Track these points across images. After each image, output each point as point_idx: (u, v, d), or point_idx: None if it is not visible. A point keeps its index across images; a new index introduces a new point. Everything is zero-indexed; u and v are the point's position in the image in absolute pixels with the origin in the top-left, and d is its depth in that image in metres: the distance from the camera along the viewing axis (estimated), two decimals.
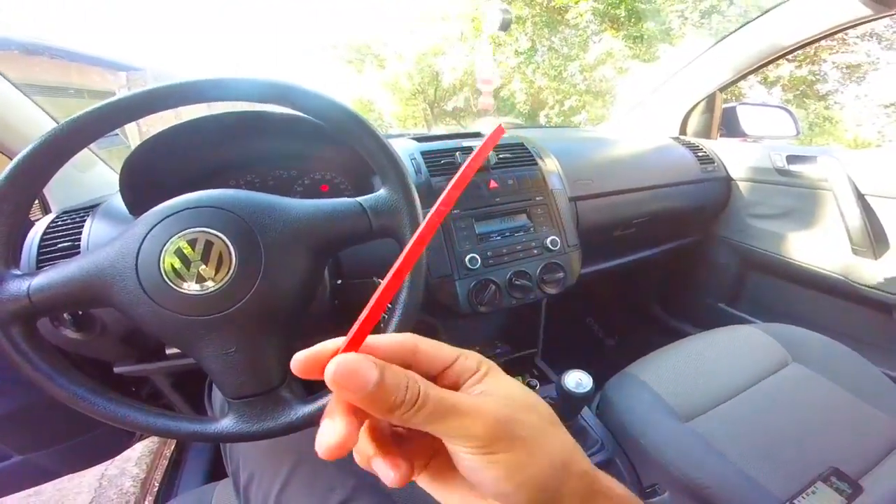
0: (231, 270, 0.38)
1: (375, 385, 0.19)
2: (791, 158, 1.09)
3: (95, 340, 0.61)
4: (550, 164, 0.90)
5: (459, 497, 0.23)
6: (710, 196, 1.20)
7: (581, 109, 8.12)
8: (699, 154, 1.19)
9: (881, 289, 0.93)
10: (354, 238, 0.44)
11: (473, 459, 0.20)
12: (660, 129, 1.36)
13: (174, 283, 0.37)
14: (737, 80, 1.27)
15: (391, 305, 0.45)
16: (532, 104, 8.64)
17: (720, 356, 0.80)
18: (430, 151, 0.80)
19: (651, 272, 1.47)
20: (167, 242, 0.37)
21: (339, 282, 0.64)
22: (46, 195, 0.77)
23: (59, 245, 0.59)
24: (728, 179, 1.22)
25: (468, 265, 0.73)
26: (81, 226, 0.62)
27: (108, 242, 0.40)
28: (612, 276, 1.11)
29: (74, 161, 0.42)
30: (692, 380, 0.75)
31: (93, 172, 0.84)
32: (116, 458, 1.24)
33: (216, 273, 0.37)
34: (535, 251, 0.79)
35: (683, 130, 1.37)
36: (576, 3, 7.50)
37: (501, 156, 0.83)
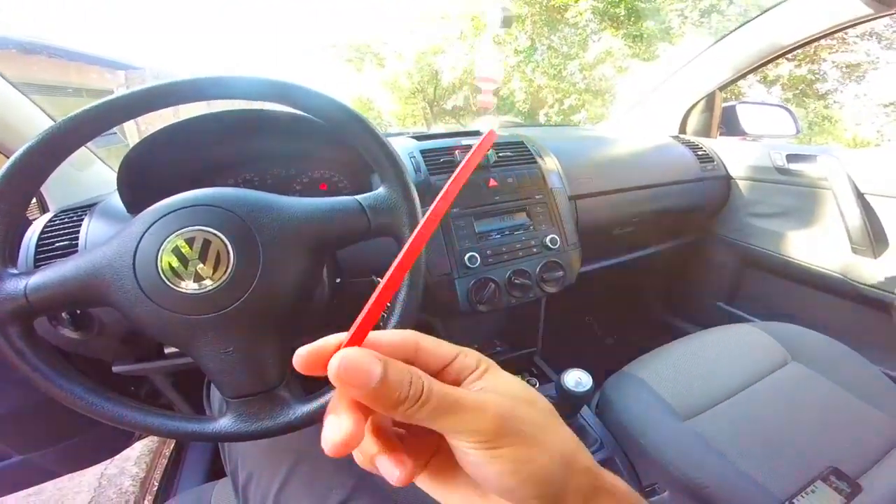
0: (229, 269, 0.37)
1: (379, 380, 0.18)
2: (791, 157, 1.08)
3: (94, 340, 0.61)
4: (550, 163, 0.89)
5: (460, 496, 0.23)
6: (710, 195, 1.20)
7: (581, 108, 8.12)
8: (699, 153, 1.18)
9: (880, 288, 0.93)
10: (353, 237, 0.44)
11: (477, 455, 0.20)
12: (659, 128, 1.36)
13: (172, 282, 0.37)
14: (736, 79, 1.26)
15: (390, 305, 0.45)
16: (532, 103, 8.64)
17: (719, 355, 0.80)
18: (430, 150, 0.80)
19: (650, 271, 1.47)
20: (165, 241, 0.37)
21: (338, 281, 0.64)
22: (44, 194, 0.77)
23: (57, 244, 0.59)
24: (728, 178, 1.21)
25: (467, 264, 0.73)
26: (79, 225, 0.61)
27: (106, 241, 0.39)
28: (612, 275, 1.11)
29: (72, 159, 0.42)
30: (691, 379, 0.75)
31: (91, 171, 0.84)
32: (116, 458, 1.24)
33: (214, 272, 0.37)
34: (535, 250, 0.79)
35: (683, 129, 1.37)
36: (575, 2, 7.50)
37: (501, 154, 0.83)
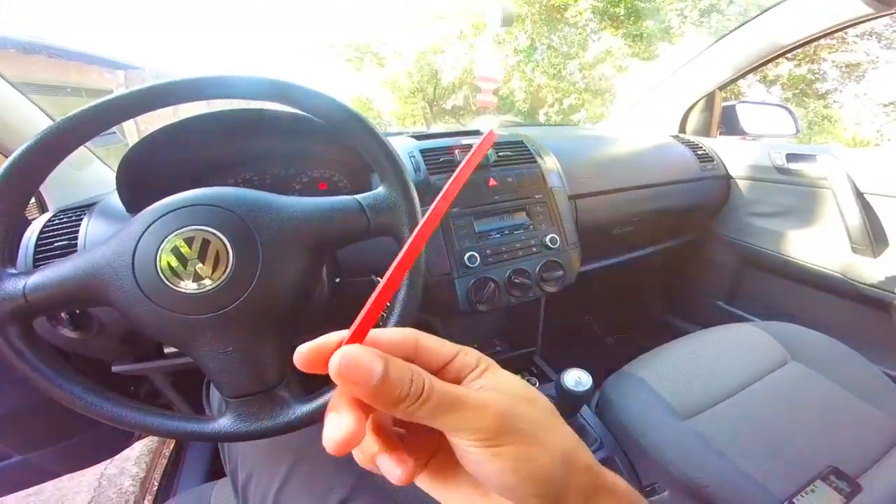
0: (228, 269, 0.37)
1: (380, 378, 0.18)
2: (790, 157, 1.08)
3: (93, 339, 0.60)
4: (550, 163, 0.89)
5: (461, 495, 0.23)
6: (710, 194, 1.20)
7: (580, 108, 8.12)
8: (698, 152, 1.18)
9: (880, 287, 0.93)
10: (352, 236, 0.44)
11: (478, 453, 0.20)
12: (659, 128, 1.36)
13: (171, 282, 0.37)
14: (736, 79, 1.26)
15: (390, 304, 0.45)
16: (531, 102, 8.64)
17: (719, 354, 0.80)
18: (429, 149, 0.80)
19: (650, 270, 1.47)
20: (164, 241, 0.37)
21: (338, 280, 0.64)
22: (43, 194, 0.77)
23: (56, 244, 0.59)
24: (727, 178, 1.21)
25: (467, 263, 0.73)
26: (78, 224, 0.61)
27: (105, 241, 0.39)
28: (612, 275, 1.10)
29: (71, 159, 0.42)
30: (691, 378, 0.75)
31: (90, 171, 0.83)
32: (116, 458, 1.24)
33: (213, 272, 0.37)
34: (535, 249, 0.79)
35: (683, 129, 1.37)
36: (575, 2, 7.50)
37: (501, 154, 0.83)
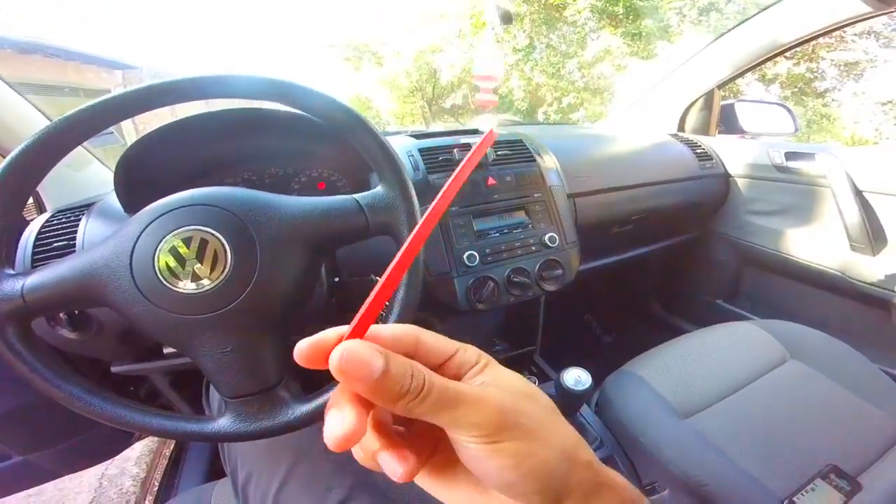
0: (227, 269, 0.37)
1: (381, 373, 0.18)
2: (789, 155, 1.09)
3: (92, 340, 0.60)
4: (549, 161, 0.89)
5: (461, 493, 0.23)
6: (709, 193, 1.20)
7: (579, 106, 8.11)
8: (697, 151, 1.18)
9: (879, 285, 0.93)
10: (351, 236, 0.44)
11: (479, 449, 0.19)
12: (658, 126, 1.36)
13: (169, 282, 0.36)
14: (735, 77, 1.27)
15: (389, 303, 0.44)
16: (530, 101, 8.63)
17: (718, 353, 0.80)
18: (428, 148, 0.80)
19: (649, 269, 1.47)
20: (162, 241, 0.37)
21: (337, 280, 0.64)
22: (41, 194, 0.77)
23: (55, 244, 0.59)
24: (726, 176, 1.21)
25: (466, 262, 0.73)
26: (76, 225, 0.61)
27: (103, 241, 0.39)
28: (611, 273, 1.11)
29: (69, 160, 0.41)
30: (690, 377, 0.75)
31: (88, 171, 0.83)
32: (116, 458, 1.24)
33: (212, 271, 0.37)
34: (534, 248, 0.78)
35: (682, 127, 1.37)
36: (574, 0, 7.49)
37: (500, 152, 0.83)
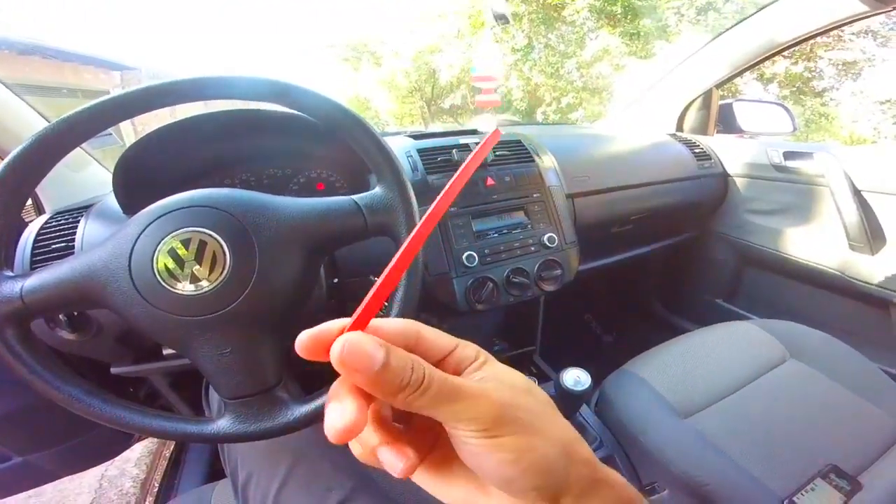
0: (225, 270, 0.37)
1: (381, 366, 0.18)
2: (788, 155, 1.09)
3: (91, 341, 0.60)
4: (547, 161, 0.89)
5: (459, 491, 0.22)
6: (707, 192, 1.20)
7: (578, 106, 8.12)
8: (696, 150, 1.18)
9: (878, 284, 0.93)
10: (349, 237, 0.44)
11: (477, 444, 0.19)
12: (656, 126, 1.36)
13: (168, 284, 0.36)
14: (733, 77, 1.27)
15: (387, 303, 0.44)
16: (529, 101, 8.64)
17: (718, 352, 0.80)
18: (427, 149, 0.80)
19: (649, 269, 1.47)
20: (160, 242, 0.37)
21: (336, 280, 0.64)
22: (40, 195, 0.76)
23: (54, 246, 0.59)
24: (725, 176, 1.21)
25: (465, 263, 0.73)
26: (75, 226, 0.61)
27: (102, 243, 0.39)
28: (610, 273, 1.11)
29: (67, 161, 0.41)
30: (690, 376, 0.75)
31: (86, 172, 0.83)
32: (116, 459, 1.24)
33: (210, 273, 0.37)
34: (533, 248, 0.78)
35: (680, 127, 1.37)
36: (572, 0, 7.49)
37: (499, 153, 0.83)
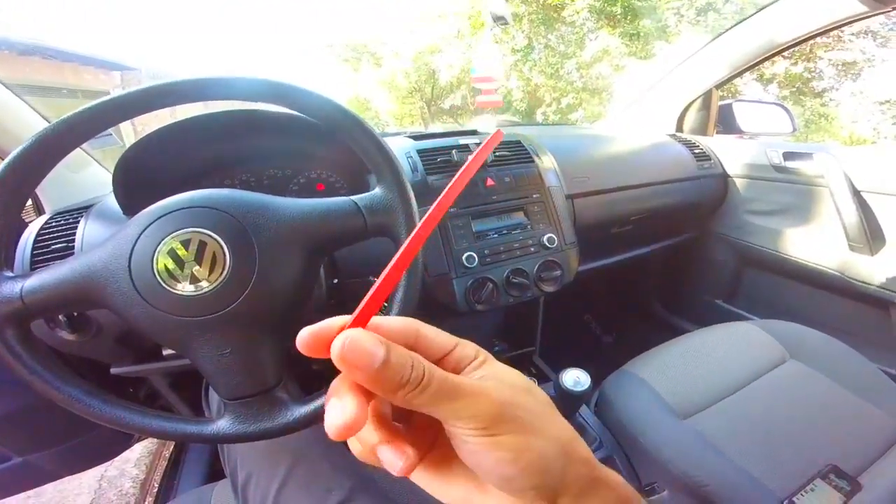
0: (225, 271, 0.37)
1: (382, 363, 0.18)
2: (787, 155, 1.09)
3: (91, 342, 0.60)
4: (547, 162, 0.89)
5: (457, 490, 0.22)
6: (707, 193, 1.20)
7: (578, 107, 8.12)
8: (695, 151, 1.19)
9: (878, 285, 0.93)
10: (349, 237, 0.44)
11: (476, 442, 0.20)
12: (656, 127, 1.36)
13: (168, 284, 0.36)
14: (733, 77, 1.27)
15: (387, 304, 0.45)
16: (529, 102, 8.64)
17: (718, 353, 0.80)
18: (427, 150, 0.80)
19: (648, 269, 1.47)
20: (160, 243, 0.37)
21: (335, 281, 0.64)
22: (40, 196, 0.76)
23: (53, 246, 0.59)
24: (724, 176, 1.22)
25: (465, 263, 0.73)
26: (75, 227, 0.61)
27: (102, 244, 0.39)
28: (610, 274, 1.10)
29: (67, 161, 0.42)
30: (690, 377, 0.75)
31: (86, 173, 0.83)
32: (116, 460, 1.24)
33: (210, 273, 0.37)
34: (533, 249, 0.78)
35: (680, 127, 1.37)
36: (572, 1, 7.50)
37: (498, 153, 0.83)
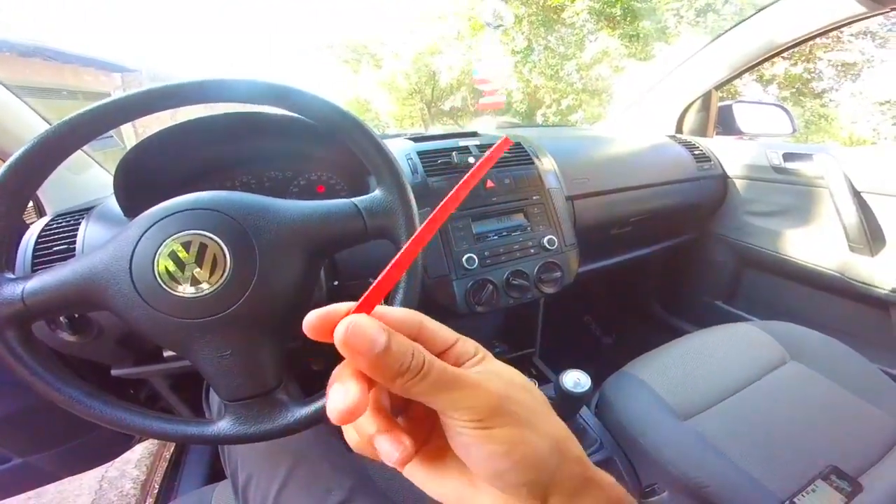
0: (226, 273, 0.37)
1: (383, 349, 0.19)
2: (787, 156, 1.09)
3: (92, 343, 0.61)
4: (547, 163, 0.89)
5: (451, 485, 0.23)
6: (707, 194, 1.20)
7: (578, 108, 8.13)
8: (695, 152, 1.19)
9: (878, 286, 0.93)
10: (349, 239, 0.44)
11: (471, 434, 0.20)
12: (656, 128, 1.36)
13: (168, 286, 0.37)
14: (732, 78, 1.27)
15: (388, 304, 0.45)
16: (529, 103, 8.65)
17: (718, 354, 0.80)
18: (427, 151, 0.80)
19: (648, 270, 1.47)
20: (161, 245, 0.37)
21: (336, 283, 0.64)
22: (41, 197, 0.77)
23: (55, 248, 0.59)
24: (724, 177, 1.22)
25: (465, 265, 0.73)
26: (76, 228, 0.61)
27: (103, 245, 0.39)
28: (610, 275, 1.10)
29: (69, 163, 0.42)
30: (690, 378, 0.75)
31: (87, 175, 0.84)
32: (116, 461, 1.24)
33: (211, 276, 0.37)
34: (533, 251, 0.79)
35: (679, 129, 1.37)
36: (572, 2, 7.51)
37: None
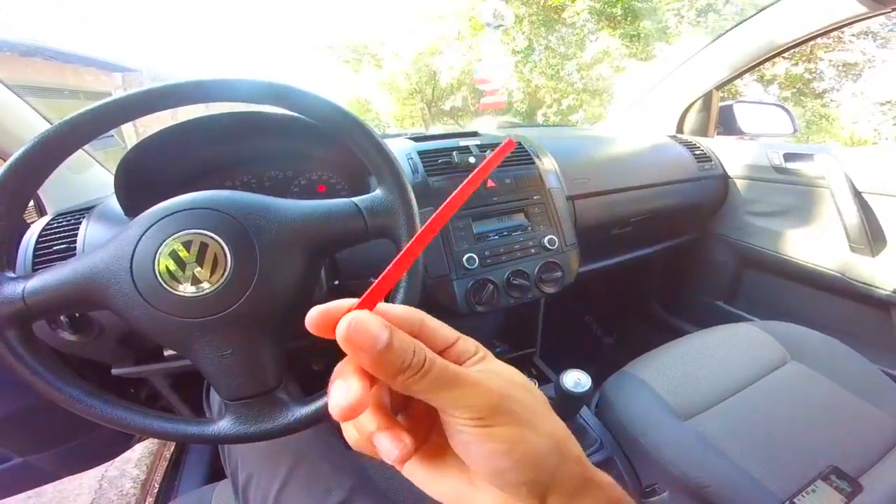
0: (226, 272, 0.37)
1: (384, 345, 0.19)
2: (788, 156, 1.09)
3: (93, 343, 0.61)
4: (548, 163, 0.89)
5: (450, 484, 0.23)
6: (707, 194, 1.20)
7: (578, 108, 8.13)
8: (696, 152, 1.19)
9: (879, 286, 0.93)
10: (350, 239, 0.44)
11: (471, 432, 0.20)
12: (657, 128, 1.36)
13: (169, 286, 0.37)
14: (733, 78, 1.27)
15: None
16: (529, 103, 8.65)
17: (718, 354, 0.80)
18: (428, 151, 0.80)
19: (649, 270, 1.47)
20: (162, 244, 0.37)
21: (336, 283, 0.64)
22: (42, 197, 0.77)
23: (55, 247, 0.59)
24: (725, 177, 1.22)
25: (466, 265, 0.73)
26: (77, 228, 0.61)
27: (104, 245, 0.39)
28: (611, 275, 1.10)
29: (69, 163, 0.42)
30: (691, 378, 0.75)
31: (88, 174, 0.84)
32: (116, 460, 1.24)
33: (211, 275, 0.37)
34: (533, 250, 0.78)
35: (680, 129, 1.37)
36: (572, 2, 7.51)
37: None
